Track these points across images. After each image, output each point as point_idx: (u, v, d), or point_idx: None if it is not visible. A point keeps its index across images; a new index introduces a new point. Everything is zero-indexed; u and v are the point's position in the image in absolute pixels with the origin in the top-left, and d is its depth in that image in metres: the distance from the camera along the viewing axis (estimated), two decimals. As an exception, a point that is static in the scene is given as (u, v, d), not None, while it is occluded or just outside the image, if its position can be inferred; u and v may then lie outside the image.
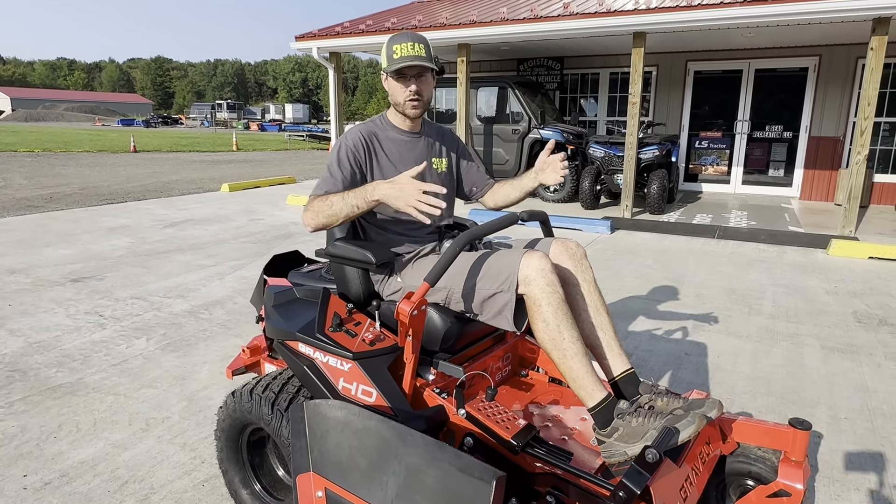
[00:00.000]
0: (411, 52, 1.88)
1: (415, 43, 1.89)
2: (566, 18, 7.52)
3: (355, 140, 1.95)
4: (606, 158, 8.42)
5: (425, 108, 2.00)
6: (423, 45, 1.91)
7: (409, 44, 1.89)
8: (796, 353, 3.51)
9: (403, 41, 1.89)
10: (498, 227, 1.77)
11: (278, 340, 1.91)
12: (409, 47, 1.88)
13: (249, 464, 2.04)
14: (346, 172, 1.91)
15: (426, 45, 1.93)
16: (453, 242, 1.68)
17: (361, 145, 1.95)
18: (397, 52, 1.89)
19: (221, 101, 66.01)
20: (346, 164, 1.92)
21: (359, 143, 1.94)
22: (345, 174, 1.90)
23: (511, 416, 1.70)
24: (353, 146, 1.94)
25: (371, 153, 1.96)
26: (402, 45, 1.89)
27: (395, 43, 1.90)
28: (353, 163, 1.93)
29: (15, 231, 6.83)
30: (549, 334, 1.64)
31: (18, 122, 50.39)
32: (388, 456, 1.43)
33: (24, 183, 11.43)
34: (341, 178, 1.90)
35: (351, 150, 1.93)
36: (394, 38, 1.93)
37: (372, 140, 1.98)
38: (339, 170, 1.91)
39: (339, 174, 1.90)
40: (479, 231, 1.73)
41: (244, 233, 6.91)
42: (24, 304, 4.26)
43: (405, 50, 1.88)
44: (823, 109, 9.36)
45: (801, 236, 6.68)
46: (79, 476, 2.28)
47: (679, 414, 1.57)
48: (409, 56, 1.88)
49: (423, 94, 1.95)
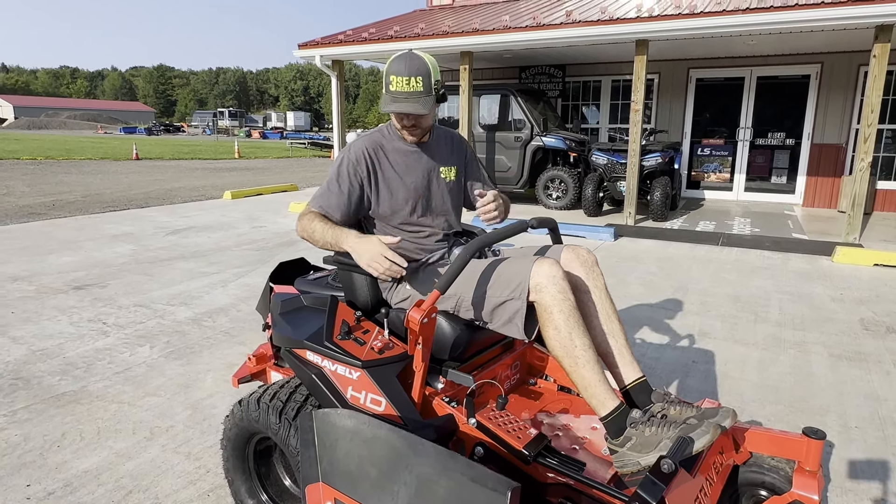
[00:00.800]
0: (406, 88, 1.80)
1: (411, 77, 1.79)
2: (569, 26, 7.54)
3: (358, 155, 1.93)
4: (609, 166, 8.42)
5: (426, 131, 1.98)
6: (420, 78, 1.80)
7: (404, 78, 1.79)
8: (804, 361, 3.48)
9: (400, 73, 1.80)
10: (507, 234, 1.75)
11: (286, 348, 1.89)
12: (405, 82, 1.80)
13: (256, 473, 2.01)
14: (344, 187, 1.91)
15: (425, 74, 1.81)
16: (463, 250, 1.66)
17: (364, 160, 1.93)
18: (393, 83, 1.81)
19: (223, 108, 66.30)
20: (345, 178, 1.91)
21: (361, 158, 1.93)
22: (342, 189, 1.90)
23: (522, 425, 1.68)
24: (356, 160, 1.93)
25: (375, 167, 1.94)
26: (398, 78, 1.80)
27: (393, 72, 1.81)
28: (353, 177, 1.92)
29: (18, 238, 6.82)
30: (561, 342, 1.62)
31: (21, 130, 50.56)
32: (399, 466, 1.41)
33: (27, 190, 11.44)
34: (337, 192, 1.90)
35: (353, 165, 1.92)
36: (394, 61, 1.83)
37: (377, 152, 1.96)
38: (338, 184, 1.91)
39: (336, 188, 1.91)
40: (489, 239, 1.72)
41: (247, 240, 6.90)
42: (28, 311, 4.24)
43: (401, 84, 1.80)
44: (826, 116, 9.37)
45: (805, 243, 6.66)
46: (83, 486, 2.25)
47: (693, 423, 1.54)
48: (404, 94, 1.81)
49: (421, 125, 1.92)
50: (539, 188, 9.24)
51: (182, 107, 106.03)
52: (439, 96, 1.87)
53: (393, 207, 1.97)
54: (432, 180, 2.02)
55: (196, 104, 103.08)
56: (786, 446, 1.72)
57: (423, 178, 2.00)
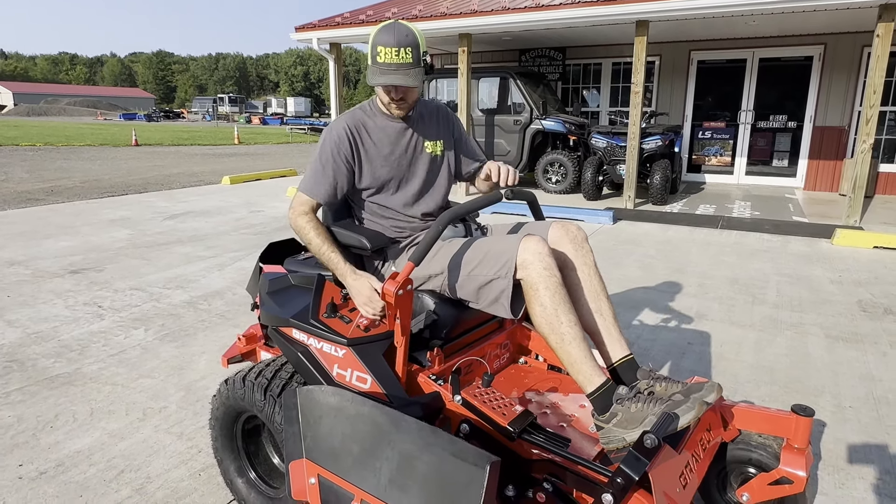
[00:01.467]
0: (395, 60, 1.73)
1: (401, 49, 1.73)
2: (568, 7, 7.44)
3: (339, 133, 1.90)
4: (609, 149, 8.36)
5: (412, 106, 1.93)
6: (409, 49, 1.74)
7: (393, 49, 1.73)
8: (800, 343, 3.47)
9: (388, 44, 1.73)
10: (481, 205, 1.73)
11: (272, 327, 1.88)
12: (394, 53, 1.73)
13: (244, 452, 2.02)
14: (329, 170, 1.89)
15: (414, 45, 1.75)
16: (436, 222, 1.64)
17: (347, 138, 1.90)
18: (381, 55, 1.74)
19: (223, 94, 66.01)
20: (328, 160, 1.89)
21: (343, 136, 1.89)
22: (326, 171, 1.88)
23: (508, 402, 1.67)
24: (338, 139, 1.89)
25: (357, 144, 1.91)
26: (386, 50, 1.73)
27: (380, 42, 1.74)
28: (338, 157, 1.89)
29: (15, 224, 6.82)
30: (547, 319, 1.60)
31: (20, 117, 50.44)
32: (382, 442, 1.40)
33: (26, 176, 11.42)
34: (322, 175, 1.89)
35: (335, 144, 1.89)
36: (380, 31, 1.76)
37: (359, 129, 1.92)
38: (322, 167, 1.89)
39: (320, 172, 1.89)
40: (462, 209, 1.70)
41: (244, 224, 6.89)
42: (24, 295, 4.24)
43: (389, 56, 1.73)
44: (828, 99, 9.27)
45: (805, 226, 6.62)
46: (74, 465, 2.26)
47: (678, 399, 1.53)
48: (392, 65, 1.74)
49: (409, 98, 1.88)
50: (538, 172, 9.19)
51: (182, 93, 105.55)
52: (427, 68, 1.82)
53: (375, 183, 1.94)
54: (416, 155, 1.99)
55: (196, 90, 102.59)
56: (775, 423, 1.71)
57: (407, 152, 1.97)
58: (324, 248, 1.83)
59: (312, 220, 1.88)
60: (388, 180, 1.94)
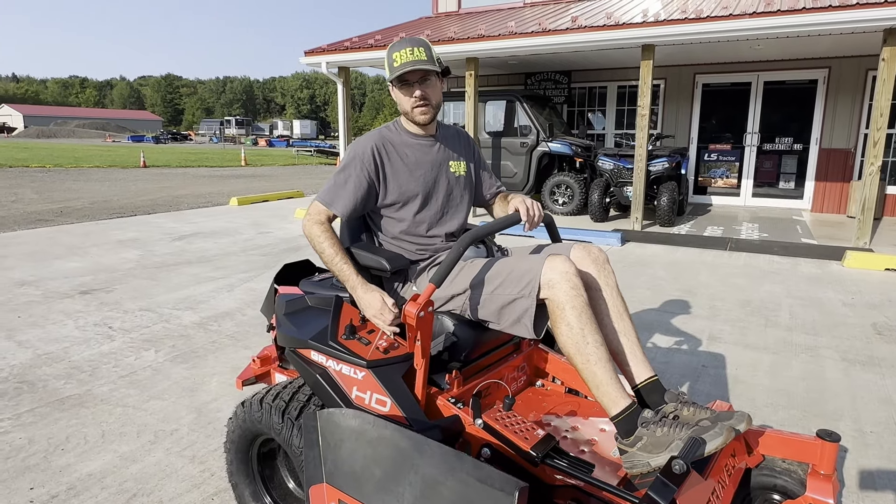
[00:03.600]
0: (411, 58, 1.83)
1: (414, 48, 1.84)
2: (574, 32, 7.54)
3: (365, 148, 1.91)
4: (616, 171, 8.39)
5: (436, 112, 1.95)
6: (423, 49, 1.85)
7: (407, 49, 1.83)
8: (816, 366, 3.43)
9: (403, 47, 1.84)
10: (501, 226, 1.73)
11: (290, 349, 1.87)
12: (409, 52, 1.83)
13: (260, 476, 1.99)
14: (351, 183, 1.89)
15: (427, 47, 1.87)
16: (457, 242, 1.64)
17: (373, 154, 1.91)
18: (397, 59, 1.84)
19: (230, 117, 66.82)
20: (352, 173, 1.89)
21: (368, 151, 1.91)
22: (348, 184, 1.89)
23: (530, 426, 1.65)
24: (362, 154, 1.90)
25: (383, 160, 1.92)
26: (401, 52, 1.84)
27: (395, 51, 1.85)
28: (361, 172, 1.90)
29: (26, 244, 6.85)
30: (573, 339, 1.59)
31: (31, 139, 51.08)
32: (405, 466, 1.38)
33: (35, 197, 11.52)
34: (343, 187, 1.90)
35: (359, 159, 1.90)
36: (393, 46, 1.88)
37: (385, 146, 1.94)
38: (344, 179, 1.90)
39: (342, 183, 1.90)
40: (483, 230, 1.70)
41: (252, 245, 6.90)
42: (34, 315, 4.24)
43: (405, 56, 1.83)
44: (834, 121, 9.31)
45: (814, 248, 6.60)
46: (86, 489, 2.23)
47: (705, 425, 1.51)
48: (409, 61, 1.83)
49: (430, 98, 1.89)
50: (545, 194, 9.21)
51: (189, 115, 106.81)
52: (444, 69, 1.88)
53: (401, 198, 1.94)
54: (441, 173, 2.00)
55: (203, 113, 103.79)
56: (799, 449, 1.68)
57: (432, 170, 1.98)
58: (336, 259, 1.84)
59: (328, 230, 1.88)
60: (415, 195, 1.94)
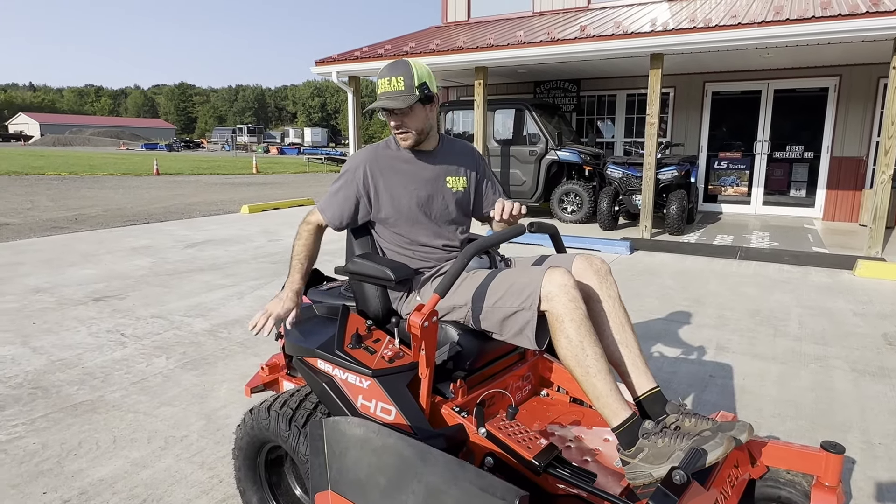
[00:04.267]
0: (387, 88, 1.87)
1: (391, 77, 1.86)
2: (583, 41, 7.57)
3: (358, 164, 1.99)
4: (624, 179, 8.39)
5: (420, 136, 1.96)
6: (401, 78, 1.85)
7: (386, 79, 1.87)
8: (825, 376, 3.41)
9: (383, 76, 1.88)
10: (505, 237, 1.76)
11: (297, 357, 1.90)
12: (387, 83, 1.87)
13: (267, 483, 2.02)
14: (340, 195, 1.99)
15: (407, 74, 1.86)
16: (461, 254, 1.67)
17: (364, 169, 1.97)
18: (379, 86, 1.89)
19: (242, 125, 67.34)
20: (344, 187, 1.99)
21: (360, 167, 1.98)
22: (338, 196, 2.00)
23: (533, 435, 1.67)
24: (354, 169, 1.99)
25: (375, 175, 1.98)
26: (382, 81, 1.89)
27: (379, 77, 1.90)
28: (351, 185, 1.98)
29: (41, 251, 6.97)
30: (572, 351, 1.61)
31: (47, 147, 51.83)
32: (408, 475, 1.40)
33: (51, 205, 11.70)
34: (334, 197, 2.00)
35: (352, 173, 1.98)
36: (381, 71, 1.91)
37: (379, 161, 1.99)
38: (337, 191, 2.00)
39: (335, 194, 2.00)
40: (486, 242, 1.72)
41: (263, 253, 6.97)
42: (48, 322, 4.32)
43: (383, 86, 1.88)
44: (845, 129, 9.26)
45: (825, 257, 6.55)
46: (97, 494, 2.27)
47: (707, 436, 1.52)
48: (384, 93, 1.88)
49: (408, 126, 1.92)
50: (554, 202, 9.23)
51: (202, 123, 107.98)
52: (424, 96, 1.88)
53: (394, 214, 1.99)
54: (436, 189, 2.03)
55: (216, 121, 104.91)
56: (804, 460, 1.68)
57: (426, 186, 2.01)
58: (293, 259, 2.02)
59: (308, 232, 2.02)
60: (408, 212, 1.98)
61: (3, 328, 4.17)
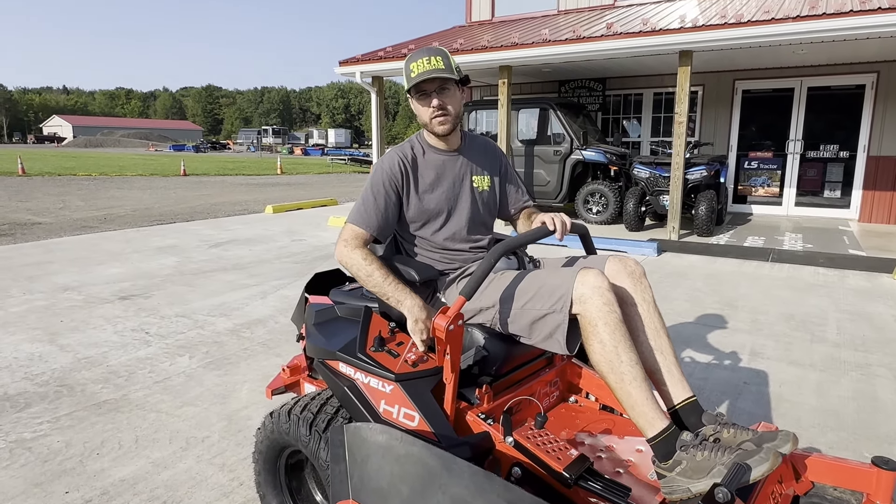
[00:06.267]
0: (427, 67, 1.80)
1: (430, 57, 1.81)
2: (610, 38, 7.44)
3: (392, 164, 1.89)
4: (652, 179, 8.22)
5: (455, 122, 1.90)
6: (440, 58, 1.82)
7: (424, 59, 1.81)
8: (867, 385, 3.25)
9: (419, 57, 1.82)
10: (533, 238, 1.68)
11: (318, 359, 1.85)
12: (426, 62, 1.80)
13: (287, 488, 1.97)
14: (381, 200, 1.86)
15: (444, 56, 1.83)
16: (488, 254, 1.60)
17: (399, 169, 1.89)
18: (414, 69, 1.82)
19: (267, 126, 68.25)
20: (380, 190, 1.87)
21: (396, 167, 1.89)
22: (378, 202, 1.86)
23: (562, 445, 1.59)
24: (390, 169, 1.88)
25: (408, 174, 1.90)
26: (418, 62, 1.81)
27: (412, 61, 1.83)
28: (389, 187, 1.87)
29: (71, 250, 7.09)
30: (606, 357, 1.53)
31: (79, 148, 53.19)
32: (432, 485, 1.34)
33: (82, 205, 11.94)
34: (373, 205, 1.85)
35: (387, 174, 1.88)
36: (411, 56, 1.85)
37: (410, 162, 1.92)
38: (373, 197, 1.86)
39: (371, 202, 1.86)
40: (515, 242, 1.65)
41: (286, 253, 6.99)
42: (76, 320, 4.36)
43: (422, 66, 1.80)
44: (883, 128, 8.94)
45: (863, 260, 6.31)
46: (119, 495, 2.26)
47: (750, 448, 1.43)
48: (425, 71, 1.80)
49: (447, 108, 1.85)
50: (579, 202, 9.09)
51: (228, 125, 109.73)
52: (462, 78, 1.85)
53: (420, 215, 1.92)
54: (464, 189, 1.96)
55: (241, 122, 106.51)
56: (853, 477, 1.57)
57: (454, 186, 1.95)
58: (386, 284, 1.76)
59: (370, 255, 1.81)
60: (435, 213, 1.92)
61: (32, 325, 4.23)
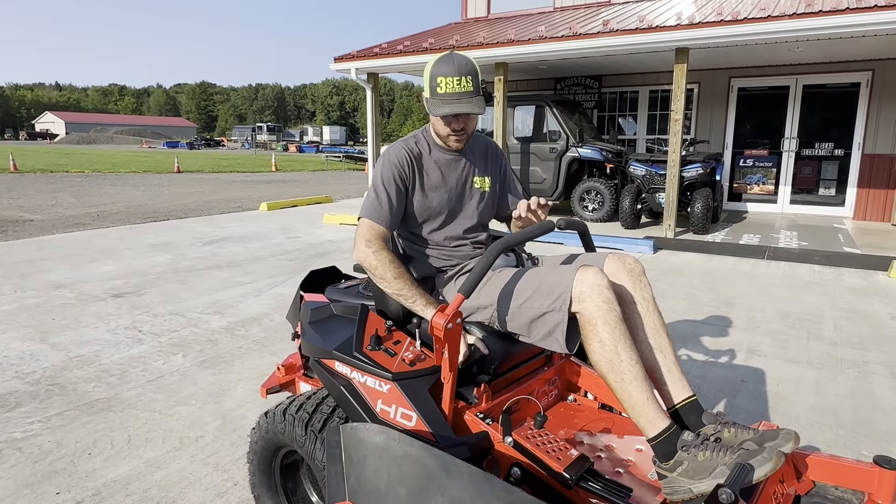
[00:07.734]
0: (457, 89, 1.70)
1: (461, 77, 1.70)
2: (606, 35, 7.42)
3: (400, 156, 1.84)
4: (647, 177, 8.21)
5: (470, 137, 1.89)
6: (470, 78, 1.71)
7: (454, 78, 1.70)
8: (864, 383, 3.25)
9: (449, 74, 1.70)
10: (532, 235, 1.65)
11: (314, 358, 1.83)
12: (455, 83, 1.70)
13: (282, 488, 1.95)
14: (392, 192, 1.81)
15: (475, 75, 1.73)
16: (486, 251, 1.57)
17: (406, 162, 1.84)
18: (442, 85, 1.71)
19: (261, 123, 67.86)
20: (391, 183, 1.81)
21: (403, 160, 1.84)
22: (390, 195, 1.80)
23: (562, 445, 1.57)
24: (398, 163, 1.84)
25: (414, 172, 1.86)
26: (448, 80, 1.70)
27: (440, 74, 1.72)
28: (399, 180, 1.83)
29: (63, 247, 7.02)
30: (606, 356, 1.50)
31: (72, 145, 52.77)
32: (430, 486, 1.31)
33: (74, 202, 11.84)
34: (386, 199, 1.80)
35: (396, 168, 1.83)
36: (439, 62, 1.74)
37: (416, 158, 1.88)
38: (385, 190, 1.81)
39: (384, 195, 1.80)
40: (514, 239, 1.63)
41: (281, 250, 6.94)
42: (67, 318, 4.31)
43: (451, 85, 1.70)
44: (878, 126, 8.96)
45: (858, 258, 6.32)
46: (111, 496, 2.22)
47: (751, 448, 1.41)
48: (454, 94, 1.71)
49: (468, 128, 1.82)
50: (574, 200, 9.08)
51: (222, 122, 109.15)
52: (486, 96, 1.79)
53: (421, 213, 1.89)
54: (465, 189, 1.94)
55: (236, 119, 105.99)
56: (854, 476, 1.56)
57: (457, 187, 1.92)
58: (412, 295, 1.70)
59: (392, 258, 1.74)
60: (437, 212, 1.89)
61: (23, 324, 4.18)
